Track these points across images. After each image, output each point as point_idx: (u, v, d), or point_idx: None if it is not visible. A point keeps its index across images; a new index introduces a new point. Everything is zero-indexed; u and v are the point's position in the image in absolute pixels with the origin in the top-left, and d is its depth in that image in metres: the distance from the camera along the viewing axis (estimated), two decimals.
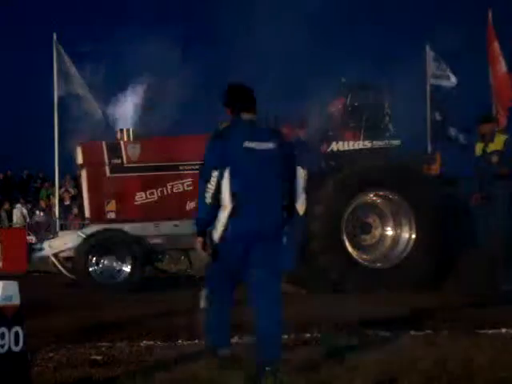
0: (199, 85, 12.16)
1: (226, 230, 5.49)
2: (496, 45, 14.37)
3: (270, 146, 5.67)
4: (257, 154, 5.60)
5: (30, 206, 23.72)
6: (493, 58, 14.39)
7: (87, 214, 11.32)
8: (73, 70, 14.14)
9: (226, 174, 5.54)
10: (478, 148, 10.64)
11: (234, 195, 5.54)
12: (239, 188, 5.54)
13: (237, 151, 5.57)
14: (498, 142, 10.40)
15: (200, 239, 5.54)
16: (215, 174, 5.50)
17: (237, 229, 5.47)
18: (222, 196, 5.56)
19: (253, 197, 5.56)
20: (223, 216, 5.52)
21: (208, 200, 5.53)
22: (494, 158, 10.27)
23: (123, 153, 10.91)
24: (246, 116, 5.72)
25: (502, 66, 14.29)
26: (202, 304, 5.69)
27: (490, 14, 14.37)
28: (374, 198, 10.88)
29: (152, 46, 11.81)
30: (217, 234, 5.50)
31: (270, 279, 5.53)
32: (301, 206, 7.56)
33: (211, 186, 5.54)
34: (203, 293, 5.73)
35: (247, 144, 5.61)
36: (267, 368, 5.15)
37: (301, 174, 5.77)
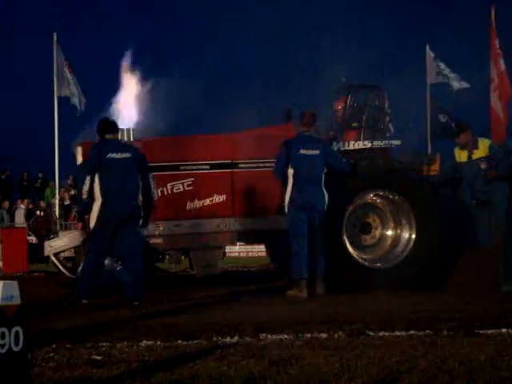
0: (199, 85, 12.15)
1: (100, 214, 8.64)
2: (496, 42, 14.48)
3: (127, 155, 8.77)
4: (118, 161, 8.70)
5: (30, 206, 23.74)
6: (494, 55, 14.50)
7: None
8: (64, 72, 14.16)
9: (96, 178, 8.65)
10: (460, 155, 10.77)
11: (102, 191, 8.64)
12: (105, 186, 8.66)
13: (103, 160, 8.66)
14: (483, 148, 10.50)
15: (80, 224, 9.31)
16: (87, 179, 8.62)
17: (105, 213, 8.65)
18: (95, 192, 8.65)
19: (115, 192, 8.65)
20: (97, 205, 8.67)
21: (84, 196, 8.70)
22: (483, 165, 10.37)
23: None
24: (108, 136, 8.90)
25: (502, 64, 14.40)
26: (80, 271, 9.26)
27: (493, 12, 14.41)
28: (374, 198, 10.88)
29: (152, 47, 11.81)
30: (94, 217, 8.67)
31: (135, 245, 8.81)
32: None
33: (85, 188, 8.64)
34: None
35: (110, 155, 8.68)
36: (135, 303, 8.57)
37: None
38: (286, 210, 9.92)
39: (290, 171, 9.94)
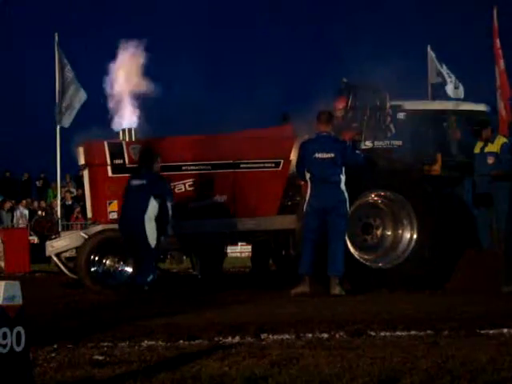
0: (200, 85, 12.17)
1: None
2: (498, 42, 14.55)
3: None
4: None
5: (33, 206, 23.74)
6: (496, 55, 14.58)
7: (89, 214, 11.32)
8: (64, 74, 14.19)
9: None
10: (477, 147, 10.89)
11: None
12: None
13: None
14: (497, 144, 10.60)
15: None
16: None
17: None
18: None
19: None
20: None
21: None
22: (490, 160, 10.48)
23: (125, 153, 10.89)
24: None
25: (502, 63, 14.48)
26: None
27: (495, 12, 14.46)
28: (376, 198, 10.88)
29: (153, 46, 11.82)
30: None
31: None
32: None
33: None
34: None
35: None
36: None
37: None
38: (304, 210, 9.99)
39: (307, 175, 9.95)
